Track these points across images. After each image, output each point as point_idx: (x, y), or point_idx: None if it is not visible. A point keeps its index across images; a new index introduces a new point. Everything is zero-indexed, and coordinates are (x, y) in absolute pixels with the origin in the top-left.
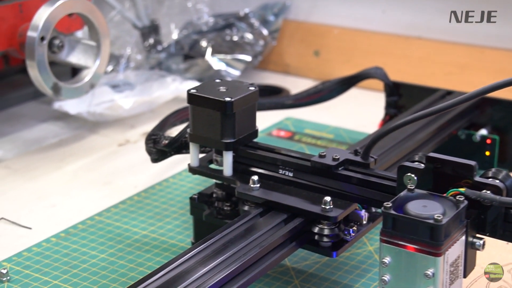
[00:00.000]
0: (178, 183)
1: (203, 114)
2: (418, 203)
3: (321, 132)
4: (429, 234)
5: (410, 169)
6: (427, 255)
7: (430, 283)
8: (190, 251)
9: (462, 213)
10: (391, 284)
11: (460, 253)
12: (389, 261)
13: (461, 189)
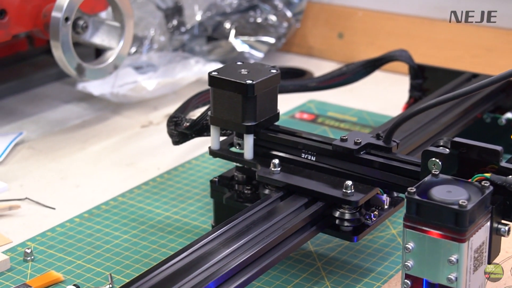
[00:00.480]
0: (200, 165)
1: (224, 96)
2: (442, 189)
3: (344, 115)
4: (453, 219)
5: (434, 154)
6: (451, 241)
7: (454, 269)
8: (212, 233)
9: (487, 199)
10: (414, 269)
11: (484, 239)
12: (413, 246)
13: (486, 174)
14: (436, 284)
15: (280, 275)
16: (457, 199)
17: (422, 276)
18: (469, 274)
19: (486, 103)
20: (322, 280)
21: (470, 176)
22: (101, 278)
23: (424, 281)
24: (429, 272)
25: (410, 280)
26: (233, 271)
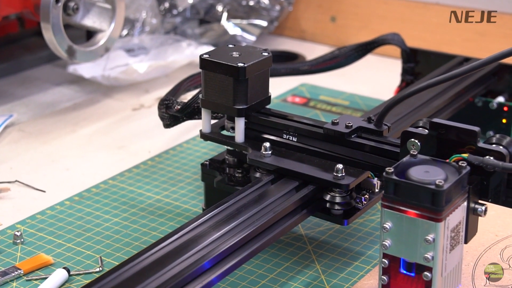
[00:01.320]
0: (192, 148)
1: (215, 79)
2: (420, 169)
3: (336, 98)
4: (430, 199)
5: (413, 135)
6: (428, 221)
7: (430, 248)
8: (203, 216)
9: (464, 179)
10: (392, 249)
11: (461, 219)
12: (390, 226)
13: (464, 154)
14: (413, 263)
15: (270, 258)
16: (434, 179)
17: (399, 255)
18: (446, 253)
19: (477, 87)
20: (312, 263)
21: (449, 156)
22: (91, 261)
23: (402, 260)
24: (407, 251)
25: (388, 259)
26: (223, 253)
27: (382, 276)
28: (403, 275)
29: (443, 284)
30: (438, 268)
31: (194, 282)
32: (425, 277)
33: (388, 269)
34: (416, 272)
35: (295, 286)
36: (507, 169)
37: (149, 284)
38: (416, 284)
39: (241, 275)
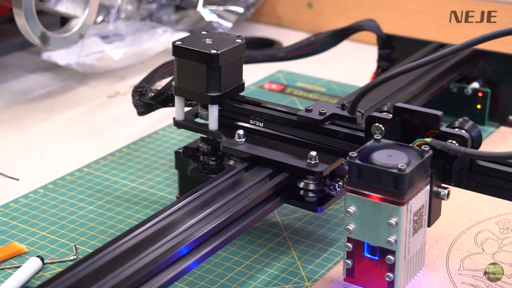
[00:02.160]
0: (168, 136)
1: (188, 66)
2: (383, 153)
3: (313, 85)
4: (392, 183)
5: (378, 119)
6: (390, 204)
7: (393, 232)
8: (177, 203)
9: (427, 163)
10: (355, 233)
11: (424, 203)
12: (354, 210)
13: (427, 139)
14: (377, 247)
15: (246, 245)
16: (396, 163)
17: (363, 239)
18: (409, 236)
19: (452, 73)
20: (288, 249)
21: (413, 141)
22: (66, 250)
23: (365, 244)
24: (370, 235)
25: (352, 243)
26: (198, 240)
27: (346, 260)
28: (367, 259)
29: (406, 267)
30: (401, 252)
31: (170, 268)
32: (388, 261)
33: (352, 253)
34: (379, 256)
35: (271, 272)
36: (468, 154)
37: (124, 271)
38: (380, 267)
39: (217, 262)
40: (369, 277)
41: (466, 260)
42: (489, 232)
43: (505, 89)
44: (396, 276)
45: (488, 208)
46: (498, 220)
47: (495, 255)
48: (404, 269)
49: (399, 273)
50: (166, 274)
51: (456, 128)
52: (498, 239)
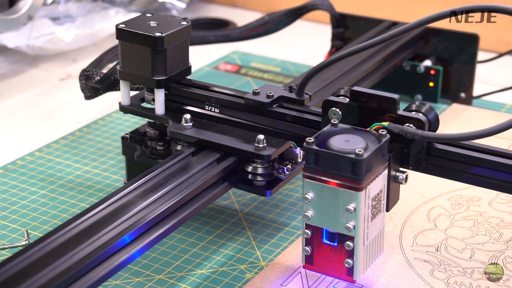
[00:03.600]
0: (121, 118)
1: (132, 50)
2: (340, 138)
3: (267, 65)
4: (350, 169)
5: (334, 104)
6: (348, 190)
7: (351, 218)
8: (125, 188)
9: (384, 147)
10: (314, 219)
11: (382, 187)
12: (312, 197)
13: (384, 123)
14: (336, 233)
15: (201, 227)
16: (354, 148)
17: (322, 225)
18: (367, 222)
19: (405, 51)
20: (243, 230)
21: (370, 125)
22: (17, 235)
23: (324, 231)
24: (329, 221)
25: (310, 230)
26: (149, 223)
27: (305, 247)
28: (326, 245)
29: (365, 252)
30: (360, 237)
31: (122, 251)
32: (347, 247)
33: (311, 239)
34: (338, 242)
35: (226, 253)
36: (425, 137)
37: (75, 255)
38: (339, 253)
39: (171, 244)
40: (328, 263)
41: (419, 236)
42: (442, 208)
43: (457, 66)
44: (356, 262)
45: (440, 184)
46: (450, 196)
47: (447, 231)
48: (363, 255)
49: (358, 259)
50: (118, 257)
51: (413, 111)
52: (450, 214)
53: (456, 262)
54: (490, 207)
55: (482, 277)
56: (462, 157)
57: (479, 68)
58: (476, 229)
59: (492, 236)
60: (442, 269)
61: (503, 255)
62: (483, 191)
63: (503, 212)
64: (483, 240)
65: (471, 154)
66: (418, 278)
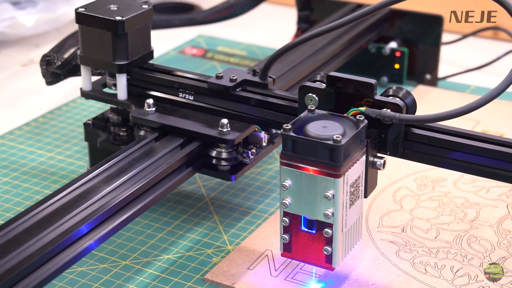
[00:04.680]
0: (85, 104)
1: (93, 34)
2: (318, 124)
3: (234, 49)
4: (328, 155)
5: (311, 89)
6: (326, 177)
7: (330, 205)
8: (87, 174)
9: (362, 133)
10: (292, 207)
11: (360, 174)
12: (290, 184)
13: (361, 108)
14: (314, 220)
15: (167, 212)
16: (331, 135)
17: (300, 213)
18: (346, 209)
19: (370, 33)
20: (210, 214)
21: (347, 110)
22: None
23: (302, 218)
24: (307, 208)
25: (289, 218)
26: (113, 209)
27: (283, 234)
28: (304, 233)
29: (344, 239)
30: (339, 224)
31: (86, 237)
32: (326, 234)
33: (289, 227)
34: (317, 229)
35: (193, 237)
36: (403, 120)
37: (37, 242)
38: (318, 241)
39: (137, 230)
40: (307, 251)
41: (385, 218)
42: (407, 189)
43: (422, 48)
44: (334, 249)
45: (406, 165)
46: (416, 177)
47: (412, 211)
48: (342, 242)
49: (337, 246)
50: (82, 243)
51: (391, 96)
52: (415, 195)
53: (422, 242)
54: (455, 187)
55: (447, 257)
56: (440, 142)
57: (444, 49)
58: (441, 209)
59: (457, 216)
60: (407, 249)
61: (468, 235)
62: (448, 172)
63: (467, 192)
64: (448, 220)
65: (449, 139)
66: (384, 259)
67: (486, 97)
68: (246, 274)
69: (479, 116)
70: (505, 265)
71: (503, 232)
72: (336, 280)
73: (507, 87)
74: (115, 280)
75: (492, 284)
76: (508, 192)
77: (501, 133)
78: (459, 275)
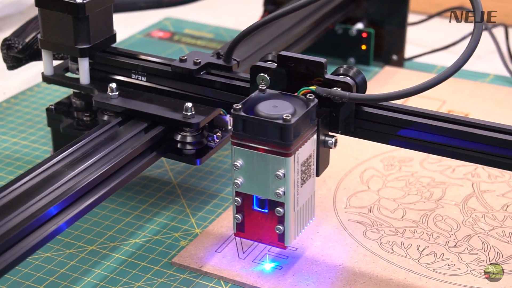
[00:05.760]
0: (50, 88)
1: (53, 17)
2: (268, 104)
3: (201, 31)
4: (278, 134)
5: (262, 69)
6: (277, 156)
7: (281, 184)
8: (52, 158)
9: (313, 112)
10: (244, 187)
11: (311, 152)
12: (241, 164)
13: (312, 87)
14: (266, 199)
15: (134, 196)
16: (281, 114)
17: (252, 192)
18: (297, 187)
19: (336, 14)
20: (178, 198)
21: (298, 90)
22: None
23: (254, 197)
24: (259, 188)
25: (241, 198)
26: (76, 194)
27: (236, 214)
28: (257, 212)
29: (295, 218)
30: (290, 203)
31: (50, 222)
32: (278, 213)
33: (241, 207)
34: (269, 208)
35: (160, 221)
36: (353, 99)
37: (3, 226)
38: (270, 220)
39: (104, 214)
40: (260, 230)
41: (353, 198)
42: (374, 169)
43: (388, 29)
44: (286, 227)
45: (373, 146)
46: (383, 158)
47: (379, 192)
48: (294, 221)
49: (289, 224)
50: (47, 228)
51: (341, 75)
52: (382, 176)
53: (388, 222)
54: (421, 167)
55: (414, 236)
56: (389, 120)
57: (410, 30)
58: (408, 189)
59: (423, 195)
60: (374, 229)
61: (434, 214)
62: (414, 152)
63: (433, 171)
64: (414, 199)
65: (398, 116)
66: (351, 239)
67: (435, 79)
68: (214, 257)
69: (445, 96)
70: (470, 243)
71: (468, 210)
72: (298, 260)
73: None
74: (81, 265)
75: (457, 262)
76: (474, 171)
77: (467, 112)
78: (425, 254)
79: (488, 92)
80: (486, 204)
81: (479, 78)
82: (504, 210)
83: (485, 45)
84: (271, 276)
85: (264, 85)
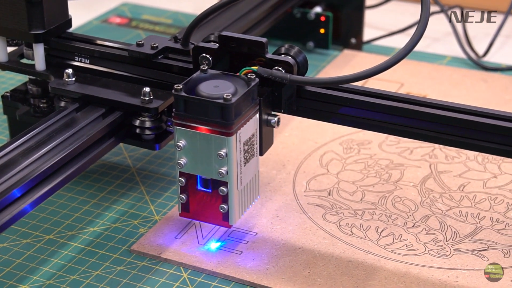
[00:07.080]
0: (5, 76)
1: (6, 2)
2: (210, 84)
3: (159, 17)
4: (219, 114)
5: (204, 50)
6: (219, 136)
7: (224, 163)
8: (6, 146)
9: (254, 91)
10: (187, 167)
11: (254, 132)
12: (184, 144)
13: (253, 67)
14: (209, 179)
15: (92, 184)
16: (222, 93)
17: (195, 172)
18: (240, 167)
19: None
20: (136, 185)
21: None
22: None
23: (198, 177)
24: (202, 168)
25: (185, 178)
26: (32, 182)
27: (180, 195)
28: (201, 192)
29: (239, 197)
30: (234, 182)
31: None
32: (221, 192)
33: (185, 187)
34: (212, 188)
35: (119, 209)
36: (294, 81)
37: None
38: (215, 200)
39: (62, 203)
40: (204, 210)
41: (312, 182)
42: (334, 153)
43: (346, 12)
44: (230, 206)
45: (332, 130)
46: (342, 141)
47: (339, 175)
48: (238, 200)
49: (233, 203)
50: (1, 218)
51: (282, 54)
52: (342, 159)
53: (348, 204)
54: (380, 149)
55: (372, 218)
56: (330, 98)
57: (368, 13)
58: (367, 172)
59: (382, 177)
60: (334, 212)
61: (392, 195)
62: (373, 134)
63: (392, 153)
64: (373, 182)
65: (338, 95)
66: (311, 222)
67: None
68: (173, 244)
69: (403, 78)
70: (428, 223)
71: (426, 191)
72: (258, 245)
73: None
74: (38, 255)
75: (415, 242)
76: (431, 152)
77: (424, 94)
78: (384, 235)
79: (445, 74)
80: (444, 185)
81: (437, 60)
82: (461, 190)
83: (442, 27)
84: (231, 261)
85: (206, 65)
